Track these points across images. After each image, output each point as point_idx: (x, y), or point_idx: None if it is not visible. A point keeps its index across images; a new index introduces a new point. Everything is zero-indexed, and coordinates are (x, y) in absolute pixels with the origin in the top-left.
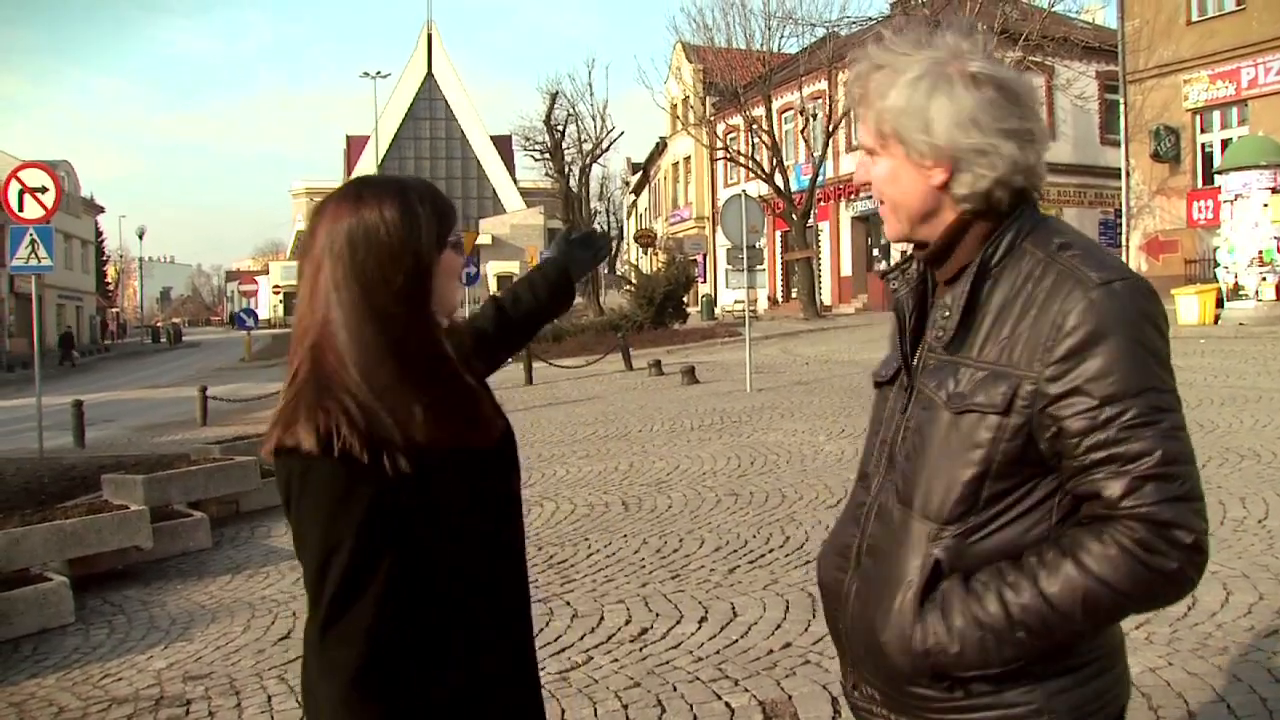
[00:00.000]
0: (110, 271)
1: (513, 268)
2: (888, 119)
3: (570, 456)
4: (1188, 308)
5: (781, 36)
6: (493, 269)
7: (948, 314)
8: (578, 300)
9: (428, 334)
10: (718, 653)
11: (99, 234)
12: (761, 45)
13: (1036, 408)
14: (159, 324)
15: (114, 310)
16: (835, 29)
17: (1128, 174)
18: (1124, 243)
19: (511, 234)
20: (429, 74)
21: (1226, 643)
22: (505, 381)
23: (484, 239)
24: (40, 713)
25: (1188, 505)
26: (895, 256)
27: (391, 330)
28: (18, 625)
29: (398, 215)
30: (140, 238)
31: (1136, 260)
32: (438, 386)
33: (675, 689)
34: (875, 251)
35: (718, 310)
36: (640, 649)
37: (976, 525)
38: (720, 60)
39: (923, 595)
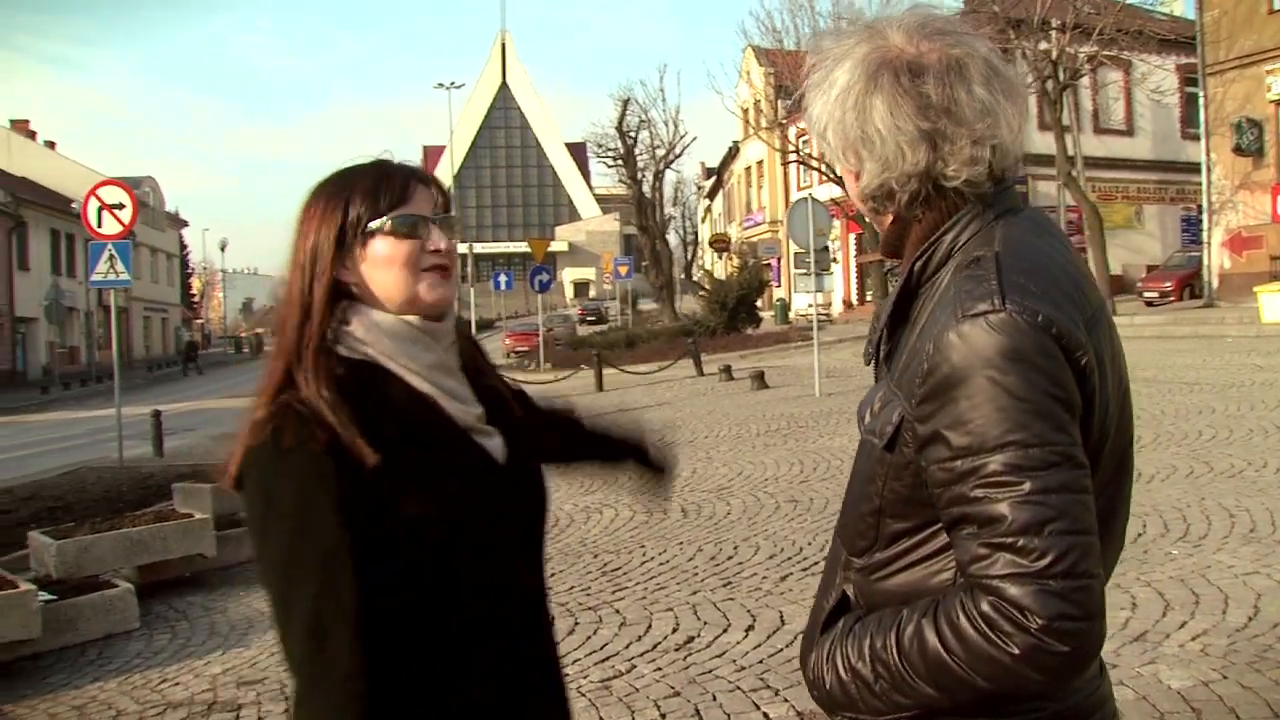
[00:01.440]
0: (195, 284)
1: (589, 274)
2: (815, 124)
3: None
4: (1272, 305)
5: None
6: (569, 275)
7: (875, 325)
8: (651, 306)
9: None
10: (761, 662)
11: (183, 247)
12: None
13: (914, 447)
14: (242, 334)
15: (199, 321)
16: None
17: (1209, 169)
18: (1206, 239)
19: (588, 240)
20: (503, 83)
21: None
22: (576, 388)
23: (560, 246)
24: (99, 715)
25: (1039, 584)
26: None
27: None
28: (84, 630)
29: (304, 206)
30: (222, 250)
31: (1219, 257)
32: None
33: (715, 698)
34: None
35: (791, 314)
36: (684, 657)
37: (879, 563)
38: (790, 63)
39: (824, 626)
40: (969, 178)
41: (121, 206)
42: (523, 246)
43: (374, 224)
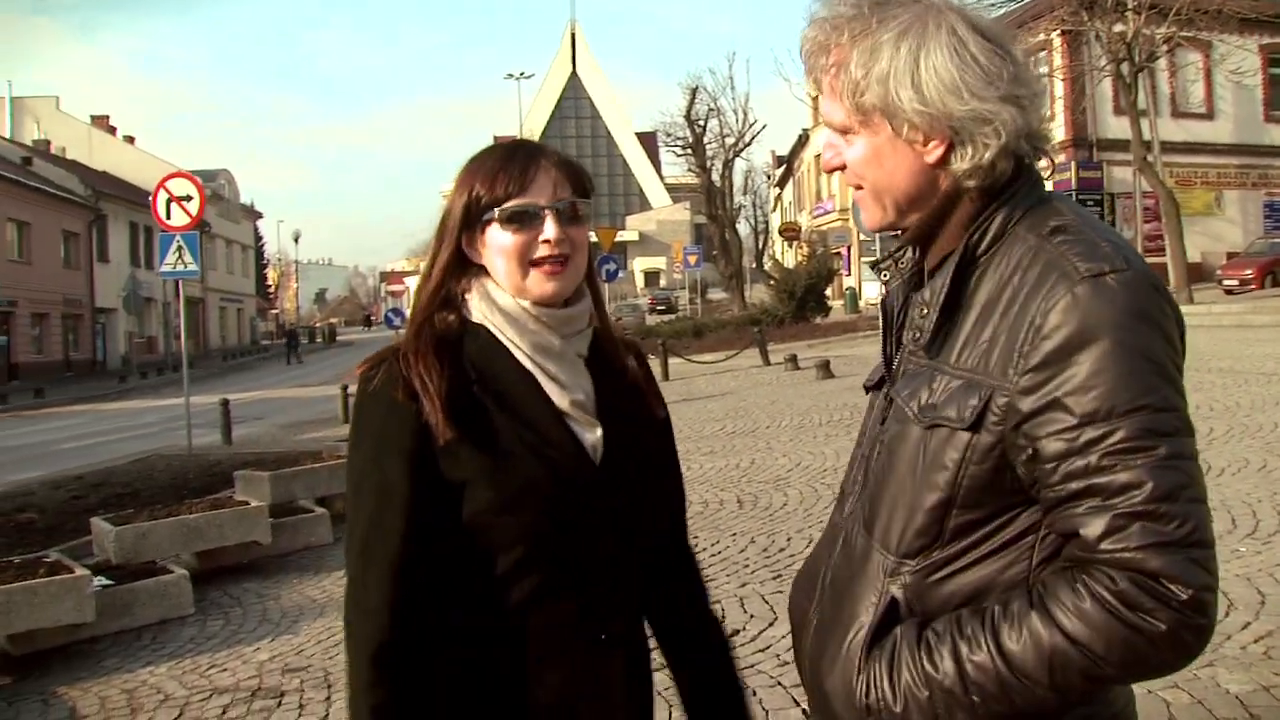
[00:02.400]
0: (271, 275)
1: (659, 263)
2: (870, 89)
3: (695, 453)
4: None
5: None
6: (639, 265)
7: (925, 311)
8: (721, 296)
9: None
10: None
11: (258, 239)
12: None
13: (1009, 425)
14: (316, 324)
15: (273, 311)
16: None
17: None
18: None
19: (658, 230)
20: (573, 73)
21: None
22: None
23: (630, 235)
24: (147, 699)
25: (1184, 553)
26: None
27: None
28: (140, 615)
29: (456, 182)
30: (296, 241)
31: None
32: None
33: (755, 694)
34: None
35: (861, 303)
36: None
37: (941, 561)
38: None
39: (871, 640)
40: (1046, 139)
41: (189, 199)
42: (591, 236)
43: (488, 213)
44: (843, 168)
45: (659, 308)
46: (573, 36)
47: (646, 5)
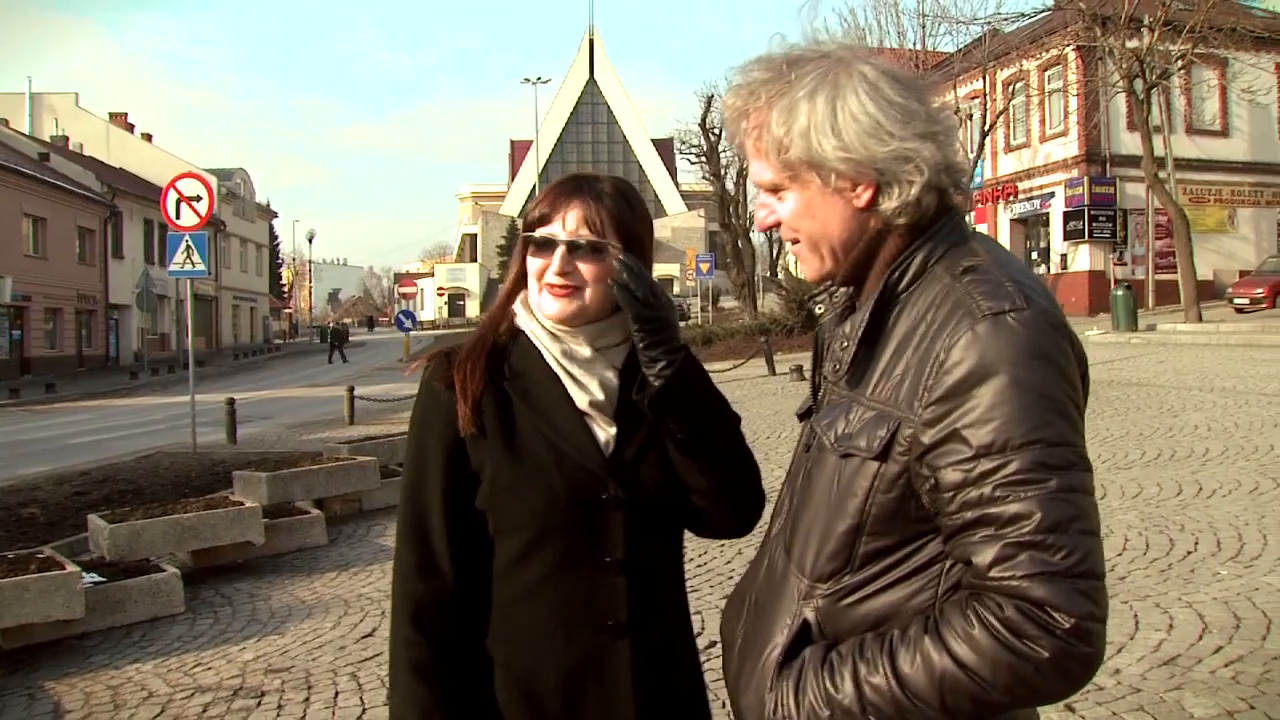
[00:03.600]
0: (285, 274)
1: (673, 270)
2: (793, 145)
3: None
4: None
5: (935, 35)
6: (654, 271)
7: (845, 344)
8: (733, 304)
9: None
10: None
11: (273, 238)
12: (915, 44)
13: (914, 455)
14: (329, 324)
15: (287, 311)
16: (994, 26)
17: None
18: None
19: (673, 237)
20: (590, 79)
21: None
22: None
23: None
24: (131, 696)
25: (1069, 583)
26: (1053, 260)
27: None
28: (131, 612)
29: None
30: (310, 241)
31: None
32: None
33: (724, 705)
34: (1035, 255)
35: None
36: (704, 663)
37: (851, 586)
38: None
39: (783, 660)
40: (963, 172)
41: (199, 199)
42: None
43: (527, 234)
44: (778, 225)
45: None
46: (590, 42)
47: (665, 13)
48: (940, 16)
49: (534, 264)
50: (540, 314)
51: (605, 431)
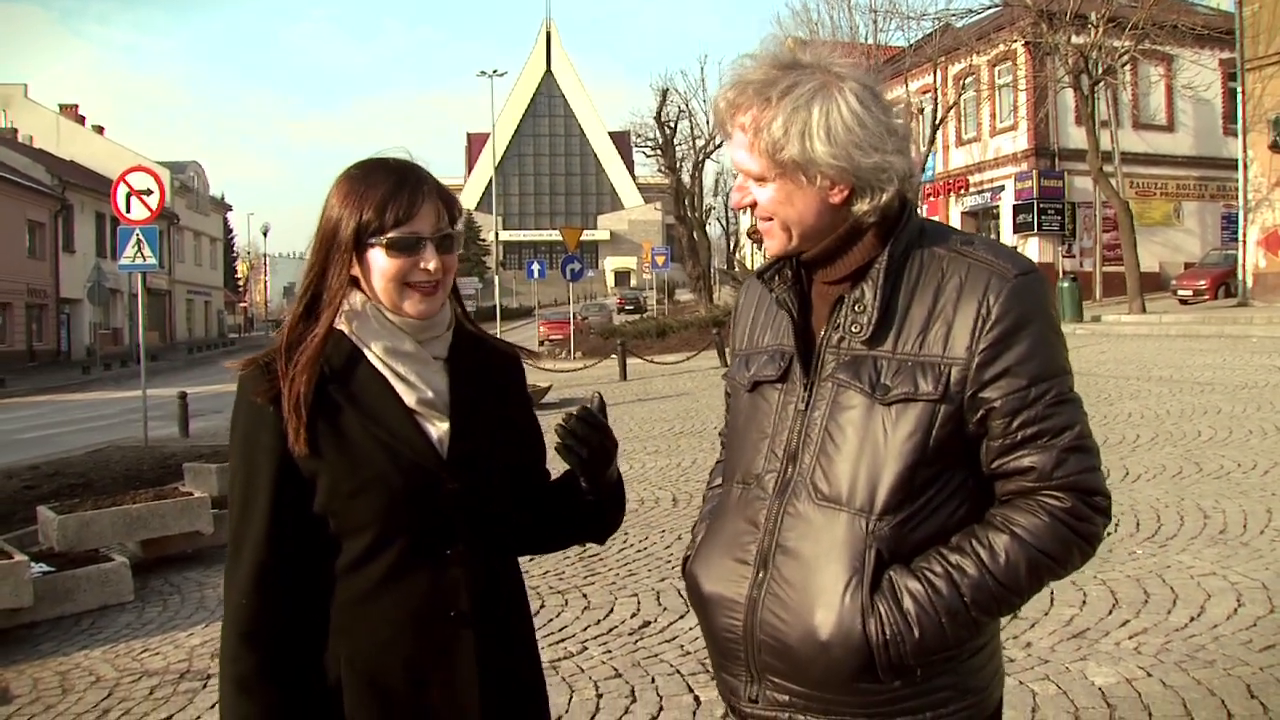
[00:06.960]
0: (240, 268)
1: (630, 263)
2: (789, 146)
3: (639, 453)
4: None
5: (887, 30)
6: (610, 264)
7: (863, 309)
8: (689, 296)
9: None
10: (705, 647)
11: (228, 232)
12: (867, 39)
13: (967, 392)
14: (284, 317)
15: (242, 305)
16: (945, 21)
17: (1245, 166)
18: (1241, 237)
19: (630, 229)
20: (547, 71)
21: (1217, 655)
22: (601, 378)
23: (602, 234)
24: (79, 681)
25: (1100, 473)
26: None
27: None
28: (80, 601)
29: (332, 200)
30: (265, 235)
31: (1255, 256)
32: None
33: (653, 680)
34: None
35: None
36: (635, 641)
37: (912, 514)
38: (825, 55)
39: (871, 588)
40: (917, 177)
41: (149, 193)
42: (556, 235)
43: (375, 238)
44: (754, 205)
45: (627, 307)
46: (548, 35)
47: (622, 6)
48: (891, 12)
49: (393, 266)
50: (396, 315)
51: (437, 428)
